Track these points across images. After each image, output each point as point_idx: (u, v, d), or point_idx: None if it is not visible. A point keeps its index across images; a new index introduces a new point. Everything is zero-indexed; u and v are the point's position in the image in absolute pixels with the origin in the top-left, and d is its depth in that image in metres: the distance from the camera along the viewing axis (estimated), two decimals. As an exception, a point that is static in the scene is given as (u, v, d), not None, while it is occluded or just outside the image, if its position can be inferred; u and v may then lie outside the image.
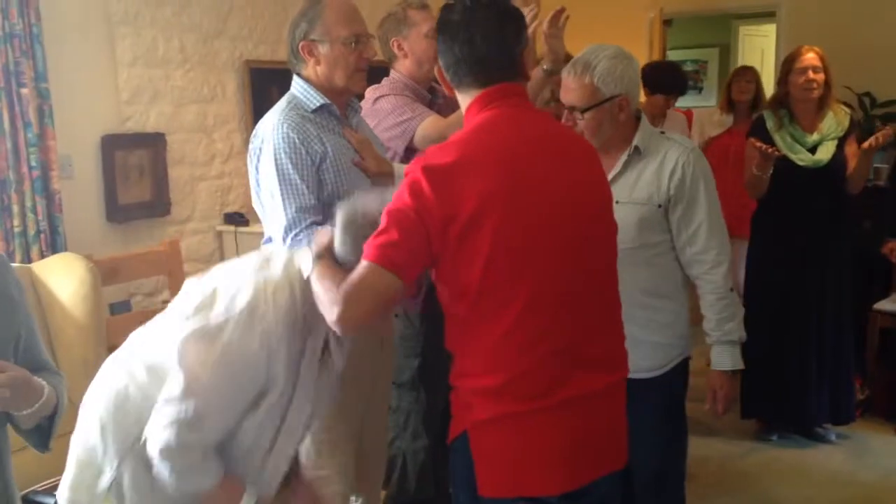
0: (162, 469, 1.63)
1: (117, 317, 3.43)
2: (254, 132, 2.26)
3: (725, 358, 2.31)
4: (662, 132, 2.45)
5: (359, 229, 1.64)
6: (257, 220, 4.11)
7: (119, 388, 1.72)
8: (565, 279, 1.62)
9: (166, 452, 1.61)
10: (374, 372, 2.33)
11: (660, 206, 2.28)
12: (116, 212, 3.60)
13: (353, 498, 2.36)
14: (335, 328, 1.57)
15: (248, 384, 1.65)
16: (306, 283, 1.66)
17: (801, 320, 3.72)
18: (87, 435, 1.74)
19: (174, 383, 1.62)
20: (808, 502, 3.36)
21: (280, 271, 1.69)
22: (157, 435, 1.62)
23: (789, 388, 3.76)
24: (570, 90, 2.25)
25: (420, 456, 2.92)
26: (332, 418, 2.20)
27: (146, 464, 1.66)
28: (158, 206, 3.78)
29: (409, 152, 2.72)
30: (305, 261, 1.69)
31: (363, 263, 1.54)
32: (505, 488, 1.61)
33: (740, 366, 2.32)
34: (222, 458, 1.69)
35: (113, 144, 3.55)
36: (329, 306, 1.55)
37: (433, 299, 2.74)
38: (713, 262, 2.28)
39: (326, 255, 1.65)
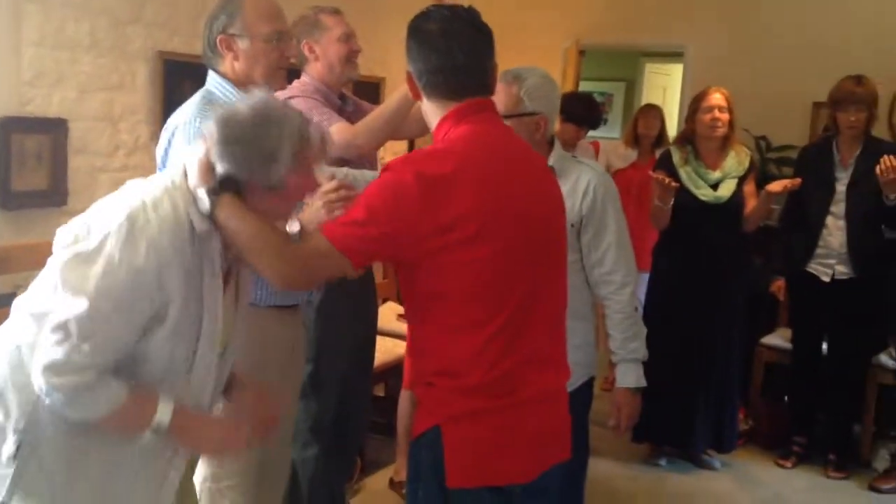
0: (52, 394, 1.52)
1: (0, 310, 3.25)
2: (165, 126, 2.18)
3: (630, 376, 2.40)
4: (574, 156, 2.54)
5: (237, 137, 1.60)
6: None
7: (10, 351, 1.62)
8: (538, 289, 1.72)
9: (53, 370, 1.50)
10: (283, 378, 2.27)
11: (572, 225, 2.35)
12: (9, 199, 3.41)
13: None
14: (273, 281, 1.63)
15: (139, 299, 1.55)
16: (190, 199, 1.60)
17: (693, 350, 3.87)
18: None
19: (57, 305, 1.52)
20: (692, 526, 3.48)
21: (159, 189, 1.61)
22: (43, 356, 1.51)
23: (678, 415, 3.89)
24: (496, 96, 2.29)
25: (310, 465, 2.88)
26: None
27: (57, 417, 1.57)
28: (55, 195, 3.60)
29: None
30: (200, 195, 1.61)
31: (324, 240, 1.60)
32: (473, 478, 1.68)
33: (643, 383, 2.42)
34: (123, 378, 1.58)
35: (11, 127, 3.37)
36: (270, 260, 1.62)
37: (329, 303, 2.73)
38: (620, 282, 2.38)
39: (223, 186, 1.61)
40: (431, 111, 1.75)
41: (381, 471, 3.66)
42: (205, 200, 1.60)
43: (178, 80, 4.04)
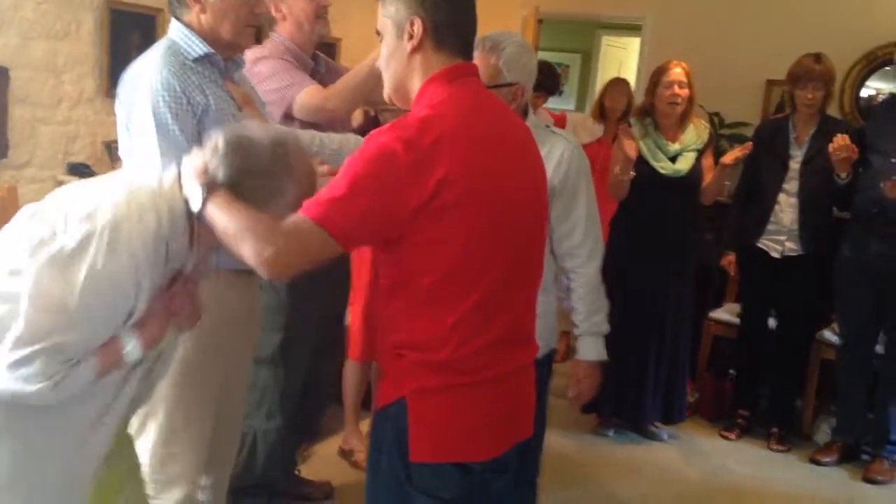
0: (36, 392, 1.49)
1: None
2: (125, 76, 2.05)
3: (592, 349, 2.39)
4: (548, 126, 2.48)
5: (246, 153, 1.62)
6: (104, 173, 3.84)
7: None
8: (517, 264, 1.67)
9: (36, 378, 1.48)
10: (237, 345, 2.20)
11: None
12: (-56, 148, 3.26)
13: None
14: (256, 266, 1.51)
15: (116, 311, 1.55)
16: (172, 213, 1.59)
17: (645, 322, 3.89)
18: None
19: (34, 315, 1.48)
20: (642, 498, 3.52)
21: (147, 194, 1.59)
22: (21, 369, 1.47)
23: (627, 387, 3.92)
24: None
25: (271, 436, 2.82)
26: (187, 392, 2.07)
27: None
28: (-6, 146, 3.45)
29: (286, 120, 2.61)
30: (192, 192, 1.58)
31: (304, 220, 1.49)
32: (437, 453, 1.64)
33: (604, 357, 2.41)
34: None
35: (-53, 73, 3.20)
36: (254, 243, 1.50)
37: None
38: (588, 255, 2.35)
39: (219, 185, 1.59)
40: (424, 66, 1.64)
41: (332, 438, 3.61)
42: (198, 196, 1.57)
43: (126, 31, 3.89)
